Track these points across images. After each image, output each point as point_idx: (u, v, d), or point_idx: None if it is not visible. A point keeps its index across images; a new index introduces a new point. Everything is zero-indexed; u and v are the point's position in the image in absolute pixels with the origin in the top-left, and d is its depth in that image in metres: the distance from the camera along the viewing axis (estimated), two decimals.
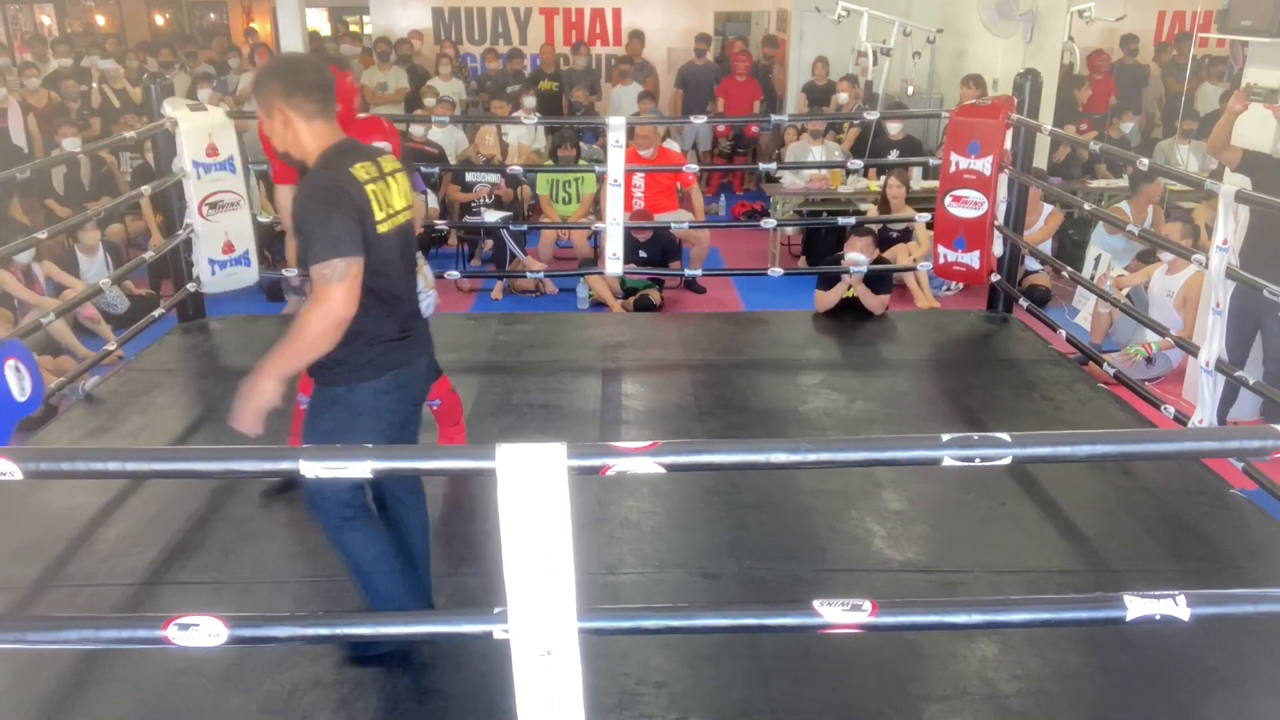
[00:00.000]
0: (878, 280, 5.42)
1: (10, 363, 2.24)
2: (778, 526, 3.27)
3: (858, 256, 5.39)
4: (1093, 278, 6.63)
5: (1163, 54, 10.61)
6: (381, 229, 2.35)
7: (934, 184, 6.47)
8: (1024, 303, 5.14)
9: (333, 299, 2.22)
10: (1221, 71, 9.73)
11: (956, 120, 5.08)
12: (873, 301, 5.36)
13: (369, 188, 2.34)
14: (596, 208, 7.26)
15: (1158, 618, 1.71)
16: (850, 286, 5.36)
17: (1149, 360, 5.70)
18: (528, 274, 6.74)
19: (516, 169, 6.22)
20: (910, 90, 9.17)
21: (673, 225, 6.46)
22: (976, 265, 5.14)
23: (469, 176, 7.83)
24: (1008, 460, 1.66)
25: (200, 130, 4.81)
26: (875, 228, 5.95)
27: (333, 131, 2.42)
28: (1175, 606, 1.70)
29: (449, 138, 8.58)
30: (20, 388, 2.26)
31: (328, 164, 2.36)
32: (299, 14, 10.72)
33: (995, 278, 5.23)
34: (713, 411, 4.20)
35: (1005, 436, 1.63)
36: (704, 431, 3.99)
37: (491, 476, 1.61)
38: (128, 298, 6.69)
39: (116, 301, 6.54)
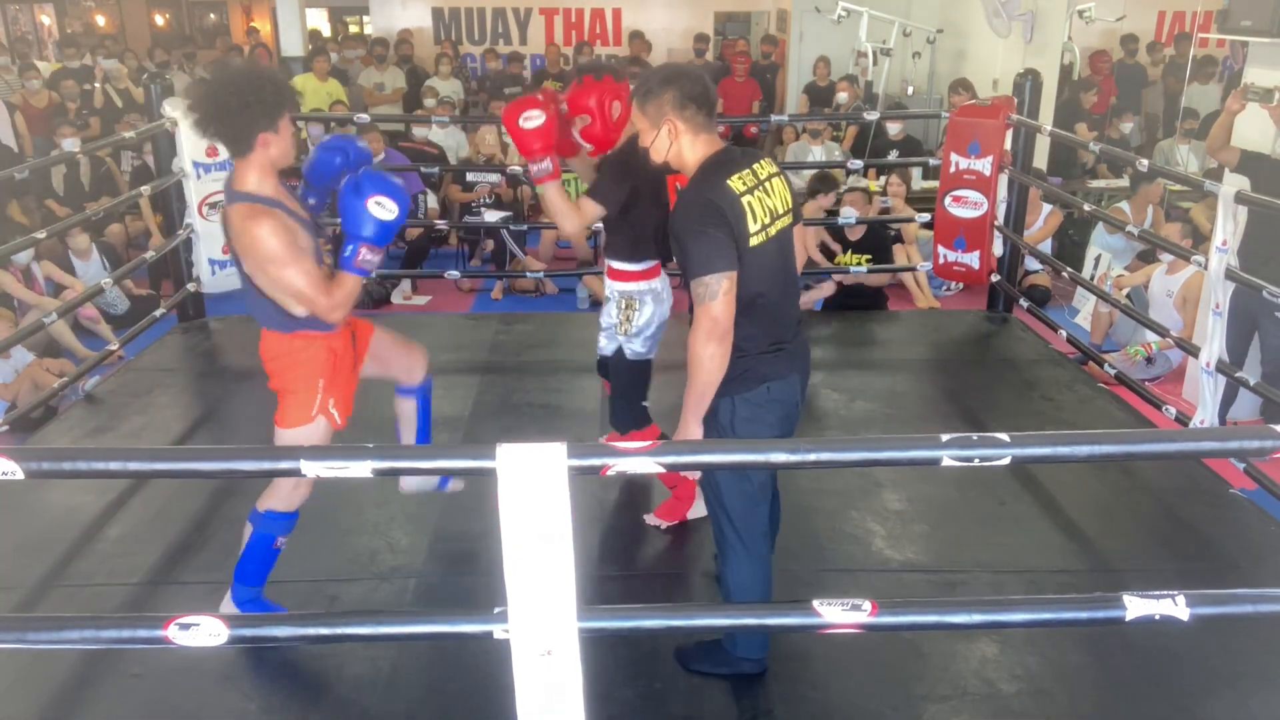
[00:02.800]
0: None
1: (372, 200, 2.46)
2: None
3: (851, 211, 6.19)
4: (1093, 278, 6.63)
5: (1125, 43, 10.43)
6: (755, 240, 2.31)
7: (934, 184, 6.47)
8: (1024, 303, 5.14)
9: (711, 314, 2.25)
10: (1212, 73, 9.69)
11: (956, 120, 5.08)
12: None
13: (745, 199, 2.30)
14: None
15: (1157, 618, 1.70)
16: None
17: (1149, 360, 5.70)
18: (527, 274, 6.73)
19: (516, 169, 6.21)
20: (910, 90, 9.16)
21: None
22: (976, 265, 5.14)
23: (469, 176, 7.83)
24: (1007, 460, 1.66)
25: None
26: (869, 188, 6.84)
27: (713, 143, 2.39)
28: (1175, 606, 1.70)
29: (449, 138, 8.58)
30: (388, 210, 2.48)
31: (705, 177, 2.33)
32: (299, 14, 10.74)
33: (995, 278, 5.23)
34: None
35: (1004, 437, 1.63)
36: None
37: (491, 476, 1.61)
38: (128, 298, 6.69)
39: (116, 301, 6.54)
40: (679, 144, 2.37)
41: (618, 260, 3.12)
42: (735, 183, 2.30)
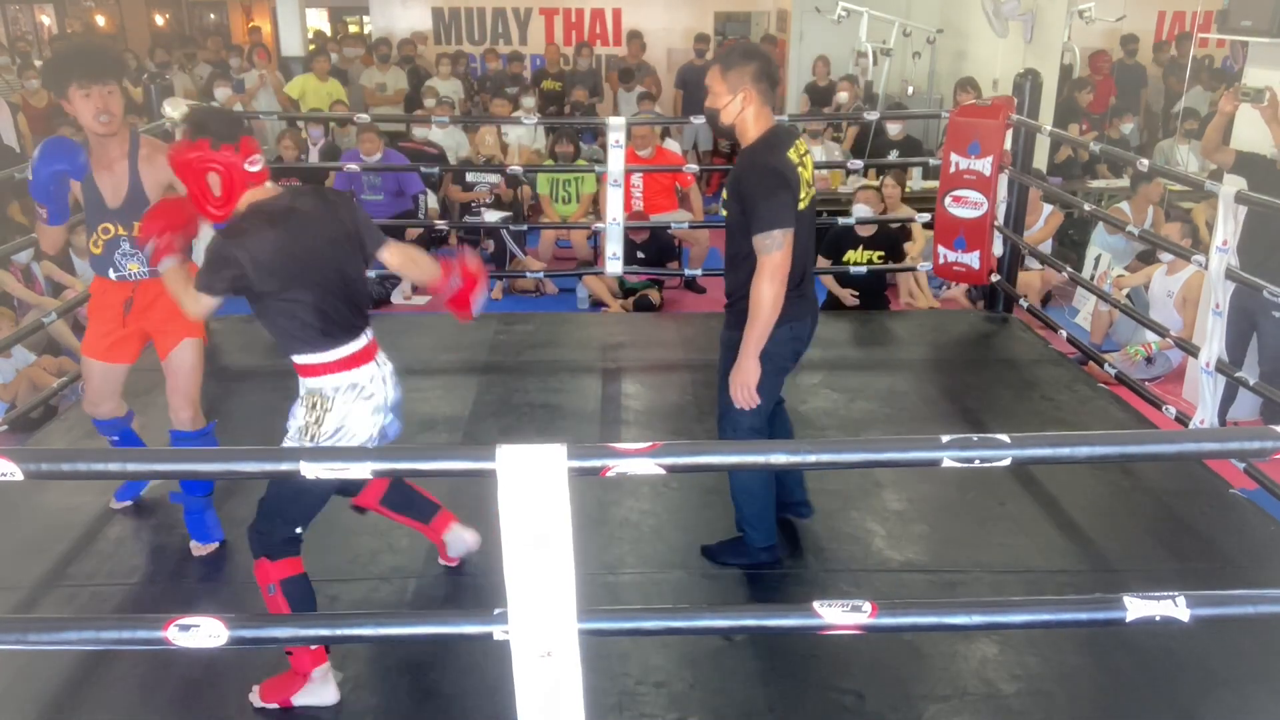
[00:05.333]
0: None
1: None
2: (777, 526, 3.27)
3: (863, 208, 6.33)
4: (1093, 278, 6.63)
5: (1161, 53, 10.60)
6: (801, 205, 2.72)
7: (934, 184, 6.47)
8: (1024, 303, 5.15)
9: (774, 262, 2.65)
10: (1216, 85, 9.70)
11: (956, 120, 5.08)
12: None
13: (798, 169, 2.71)
14: (596, 208, 7.26)
15: (1157, 619, 1.70)
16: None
17: (1149, 360, 5.70)
18: (527, 274, 6.74)
19: (516, 169, 6.22)
20: (910, 90, 9.16)
21: (672, 225, 6.46)
22: (976, 265, 5.14)
23: (469, 176, 7.83)
24: (1007, 461, 1.66)
25: None
26: (880, 185, 6.79)
27: (771, 117, 2.78)
28: (1175, 607, 1.70)
29: (449, 139, 8.57)
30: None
31: (770, 146, 2.73)
32: (299, 14, 10.74)
33: (995, 278, 5.23)
34: (713, 411, 4.17)
35: (1005, 438, 1.63)
36: (704, 432, 3.99)
37: (491, 477, 1.61)
38: None
39: None
40: (748, 112, 2.73)
41: (297, 354, 2.40)
42: (792, 154, 2.71)
